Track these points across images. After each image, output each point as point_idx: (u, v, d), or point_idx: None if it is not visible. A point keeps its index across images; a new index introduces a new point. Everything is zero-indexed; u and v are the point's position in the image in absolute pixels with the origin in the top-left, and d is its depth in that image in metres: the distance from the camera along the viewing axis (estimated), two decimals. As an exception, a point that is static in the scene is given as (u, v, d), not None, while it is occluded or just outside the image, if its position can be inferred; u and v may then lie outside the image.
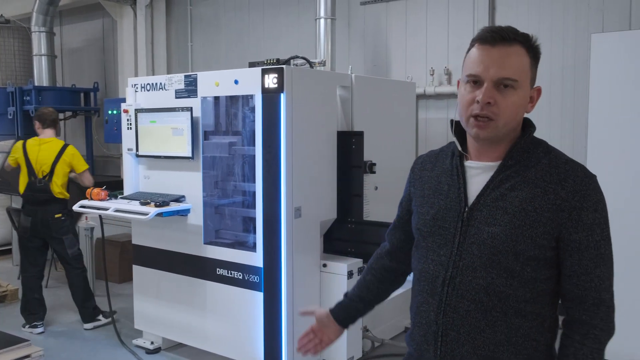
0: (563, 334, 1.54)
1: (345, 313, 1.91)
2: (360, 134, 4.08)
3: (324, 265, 3.96)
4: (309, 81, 3.85)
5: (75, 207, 4.27)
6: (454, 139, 1.63)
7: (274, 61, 4.17)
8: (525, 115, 1.56)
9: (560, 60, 4.98)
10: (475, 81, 1.49)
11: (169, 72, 7.41)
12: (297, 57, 4.33)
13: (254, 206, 3.84)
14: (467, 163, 1.60)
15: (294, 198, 3.70)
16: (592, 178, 1.50)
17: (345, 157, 4.10)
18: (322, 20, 5.17)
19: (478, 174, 1.57)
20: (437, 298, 1.56)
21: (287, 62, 4.22)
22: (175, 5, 7.58)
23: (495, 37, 1.48)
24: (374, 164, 4.16)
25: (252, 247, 3.85)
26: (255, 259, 3.79)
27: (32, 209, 4.95)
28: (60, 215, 4.96)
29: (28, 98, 7.18)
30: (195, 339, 4.22)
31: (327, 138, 3.98)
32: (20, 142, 5.13)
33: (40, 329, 5.00)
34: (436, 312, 1.56)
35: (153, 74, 7.36)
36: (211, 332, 4.10)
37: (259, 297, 3.79)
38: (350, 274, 3.87)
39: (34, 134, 7.58)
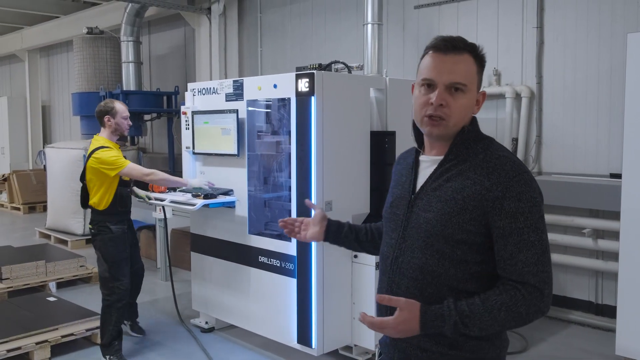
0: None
1: (337, 228, 2.07)
2: (392, 134, 4.31)
3: (355, 256, 4.23)
4: (340, 85, 4.13)
5: (139, 198, 4.81)
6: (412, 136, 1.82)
7: (316, 66, 4.51)
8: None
9: (608, 60, 4.95)
10: (429, 85, 1.67)
11: (240, 76, 7.93)
12: (337, 62, 4.63)
13: (290, 199, 4.19)
14: (421, 157, 1.80)
15: (325, 192, 4.01)
16: (521, 173, 1.62)
17: (379, 156, 4.35)
18: (369, 26, 5.43)
19: (428, 167, 1.76)
20: (387, 275, 1.78)
21: (327, 66, 4.54)
22: (246, 13, 8.10)
23: (448, 45, 1.66)
24: (408, 163, 4.37)
25: (288, 237, 4.18)
26: (290, 248, 4.14)
27: None
28: (91, 226, 4.31)
29: (117, 101, 7.95)
30: (241, 320, 4.64)
31: (359, 137, 4.25)
32: None
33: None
34: (386, 288, 1.77)
35: (226, 78, 7.90)
36: (254, 314, 4.49)
37: (293, 283, 4.13)
38: (377, 266, 4.11)
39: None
